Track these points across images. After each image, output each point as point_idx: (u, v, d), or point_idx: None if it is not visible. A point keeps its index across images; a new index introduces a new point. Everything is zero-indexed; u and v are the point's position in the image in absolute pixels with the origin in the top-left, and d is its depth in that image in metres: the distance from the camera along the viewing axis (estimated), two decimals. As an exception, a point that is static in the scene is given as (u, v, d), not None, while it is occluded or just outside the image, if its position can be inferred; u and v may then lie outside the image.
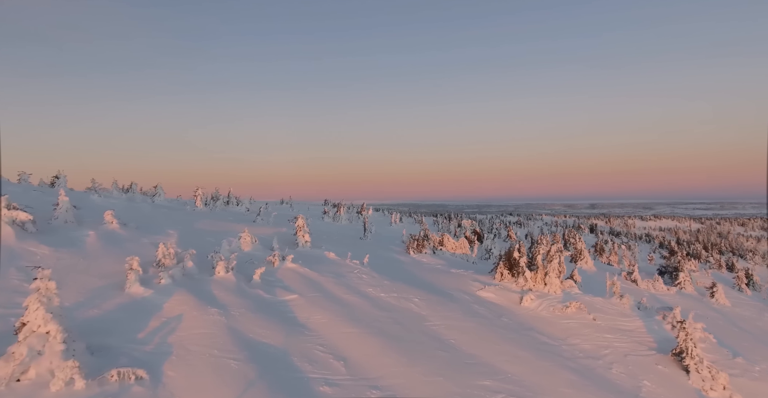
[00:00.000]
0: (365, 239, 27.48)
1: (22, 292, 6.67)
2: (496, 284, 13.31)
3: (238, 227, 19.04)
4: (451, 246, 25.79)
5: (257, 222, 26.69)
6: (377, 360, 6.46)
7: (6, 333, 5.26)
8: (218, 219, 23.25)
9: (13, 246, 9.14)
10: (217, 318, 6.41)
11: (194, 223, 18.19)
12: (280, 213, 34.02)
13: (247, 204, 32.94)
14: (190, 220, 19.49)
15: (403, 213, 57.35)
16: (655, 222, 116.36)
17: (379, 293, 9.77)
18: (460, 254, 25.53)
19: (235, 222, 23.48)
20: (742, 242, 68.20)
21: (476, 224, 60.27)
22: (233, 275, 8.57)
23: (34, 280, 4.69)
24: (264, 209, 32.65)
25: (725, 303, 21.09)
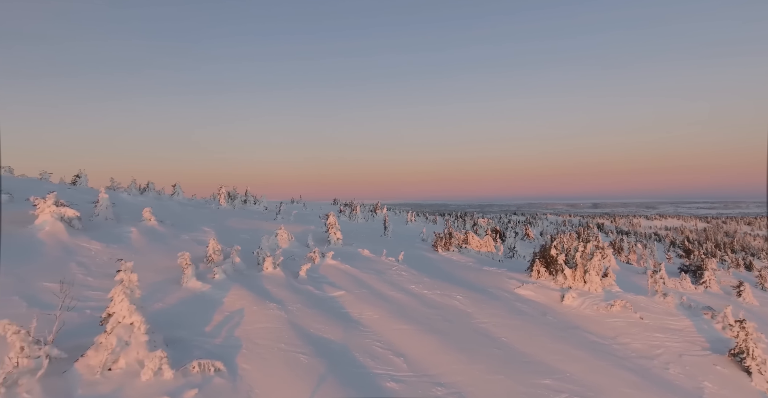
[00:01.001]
0: (386, 236, 27.45)
1: (88, 286, 6.89)
2: (533, 282, 13.04)
3: (266, 225, 19.31)
4: (475, 244, 25.51)
5: (278, 220, 26.96)
6: (436, 357, 6.38)
7: (84, 324, 5.42)
8: (244, 217, 23.60)
9: (65, 241, 9.45)
10: (277, 313, 6.45)
11: (224, 221, 18.49)
12: (298, 212, 34.33)
13: (265, 203, 33.40)
14: (219, 218, 19.84)
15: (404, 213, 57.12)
16: (660, 221, 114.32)
17: (423, 291, 9.69)
18: (485, 252, 25.22)
19: (260, 220, 23.80)
20: (750, 241, 66.29)
21: (493, 223, 59.64)
22: (281, 271, 8.63)
23: (117, 272, 4.78)
24: (283, 208, 33.01)
25: (753, 302, 20.23)
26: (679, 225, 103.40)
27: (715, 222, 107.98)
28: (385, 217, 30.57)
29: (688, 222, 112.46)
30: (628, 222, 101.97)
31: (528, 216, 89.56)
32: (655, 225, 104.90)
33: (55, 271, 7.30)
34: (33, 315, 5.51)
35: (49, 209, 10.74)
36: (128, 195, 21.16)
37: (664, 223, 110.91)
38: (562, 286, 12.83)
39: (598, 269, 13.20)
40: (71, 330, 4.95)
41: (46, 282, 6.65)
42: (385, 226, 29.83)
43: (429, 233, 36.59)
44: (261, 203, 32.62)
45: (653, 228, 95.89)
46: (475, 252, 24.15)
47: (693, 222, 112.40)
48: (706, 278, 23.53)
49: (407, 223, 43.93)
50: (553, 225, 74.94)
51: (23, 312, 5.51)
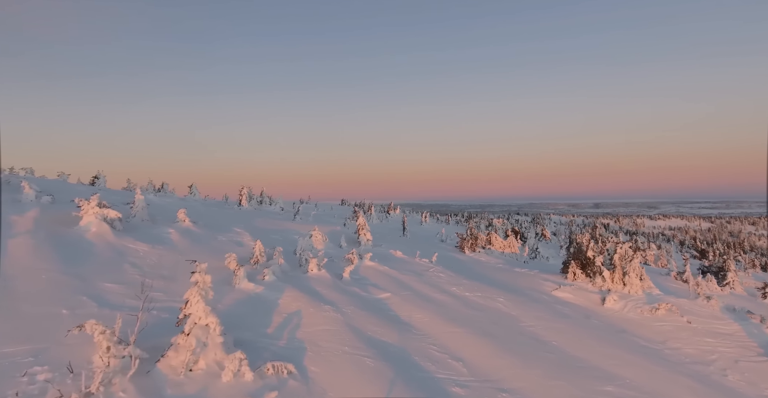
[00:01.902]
0: (405, 237, 27.38)
1: (148, 287, 7.02)
2: (570, 285, 12.77)
3: (291, 226, 19.47)
4: (499, 245, 25.22)
5: (297, 220, 27.17)
6: (492, 361, 6.28)
7: (153, 324, 5.52)
8: (268, 218, 23.87)
9: (113, 242, 9.69)
10: (333, 315, 6.46)
11: (251, 221, 18.72)
12: (317, 213, 34.46)
13: (281, 203, 33.69)
14: (245, 218, 20.10)
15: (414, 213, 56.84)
16: (664, 221, 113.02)
17: (464, 293, 9.58)
18: (509, 253, 24.90)
19: (282, 220, 24.02)
20: (755, 240, 64.11)
21: (508, 224, 58.79)
22: (326, 272, 8.66)
23: (192, 273, 4.85)
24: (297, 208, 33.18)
25: (779, 303, 19.32)
26: (683, 225, 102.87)
27: (719, 222, 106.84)
28: (404, 218, 30.51)
29: (692, 222, 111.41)
30: (631, 222, 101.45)
31: (531, 217, 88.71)
32: (659, 225, 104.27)
33: (111, 272, 7.49)
34: (104, 315, 5.67)
35: (92, 210, 11.05)
36: (154, 196, 21.63)
37: (668, 223, 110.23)
38: (601, 288, 12.52)
39: (638, 272, 12.84)
40: (143, 330, 5.03)
41: (107, 283, 6.82)
42: (404, 227, 29.76)
43: (447, 233, 36.36)
44: (277, 203, 32.96)
45: (657, 228, 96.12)
46: (499, 253, 23.85)
47: (697, 222, 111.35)
48: (730, 279, 22.72)
49: (422, 223, 43.79)
50: (562, 226, 74.02)
51: (95, 311, 5.65)
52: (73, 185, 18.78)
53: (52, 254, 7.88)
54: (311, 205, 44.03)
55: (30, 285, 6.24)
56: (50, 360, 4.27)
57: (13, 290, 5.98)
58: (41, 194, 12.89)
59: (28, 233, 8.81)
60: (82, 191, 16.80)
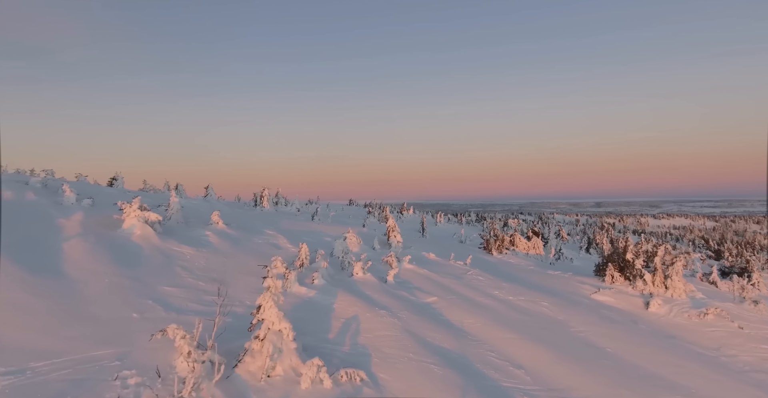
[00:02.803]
0: (425, 238, 27.23)
1: (203, 290, 7.14)
2: (609, 288, 12.47)
3: (317, 227, 19.56)
4: (523, 246, 24.83)
5: (317, 221, 27.32)
6: (553, 369, 6.15)
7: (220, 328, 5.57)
8: (292, 219, 24.07)
9: (159, 245, 9.89)
10: (390, 320, 6.44)
11: (278, 223, 18.90)
12: (336, 213, 34.56)
13: (297, 204, 33.93)
14: (271, 220, 20.31)
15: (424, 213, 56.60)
16: (668, 220, 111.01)
17: (507, 296, 9.44)
18: (533, 254, 24.51)
19: (305, 221, 24.19)
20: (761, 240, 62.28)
21: (524, 224, 57.89)
22: (372, 276, 8.65)
23: (264, 279, 4.88)
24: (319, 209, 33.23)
25: (808, 306, 18.42)
26: (687, 224, 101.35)
27: (723, 221, 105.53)
28: (423, 219, 30.40)
29: (696, 221, 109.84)
30: (635, 221, 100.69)
31: (535, 216, 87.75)
32: (663, 224, 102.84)
33: (165, 275, 7.64)
34: (172, 318, 5.77)
35: (134, 213, 11.30)
36: (180, 198, 21.99)
37: (672, 222, 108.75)
38: (643, 292, 12.18)
39: (681, 275, 12.44)
40: (217, 335, 5.08)
41: (166, 287, 6.95)
42: (423, 227, 29.62)
43: (467, 234, 36.02)
44: (293, 204, 33.20)
45: (662, 227, 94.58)
46: (524, 254, 23.50)
47: (701, 221, 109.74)
48: (755, 280, 21.85)
49: (437, 224, 43.58)
50: (569, 225, 73.42)
51: (163, 315, 5.76)
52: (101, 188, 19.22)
53: (107, 257, 8.08)
54: (323, 205, 44.32)
55: (96, 289, 6.41)
56: (135, 364, 4.35)
57: (82, 294, 6.15)
58: (81, 197, 13.24)
59: (80, 237, 9.07)
60: (112, 193, 17.19)
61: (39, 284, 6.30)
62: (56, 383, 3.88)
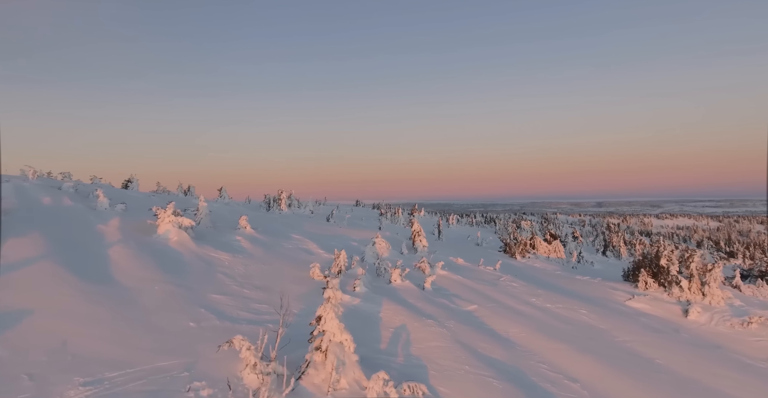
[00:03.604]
0: (441, 240, 27.10)
1: (249, 298, 7.21)
2: (644, 294, 12.19)
3: (342, 231, 19.63)
4: (543, 250, 24.50)
5: (332, 223, 27.40)
6: (609, 383, 6.02)
7: (274, 338, 5.60)
8: (313, 223, 24.21)
9: (196, 251, 10.03)
10: (439, 330, 6.39)
11: (301, 226, 19.01)
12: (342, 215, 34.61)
13: (311, 206, 34.06)
14: (293, 223, 20.46)
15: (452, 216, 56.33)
16: (671, 220, 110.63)
17: (545, 304, 9.31)
18: (554, 257, 24.17)
19: (327, 224, 24.30)
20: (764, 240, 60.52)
21: (536, 226, 57.09)
22: (410, 283, 8.62)
23: (324, 289, 4.90)
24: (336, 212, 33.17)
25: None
26: (691, 224, 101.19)
27: (727, 221, 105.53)
28: (439, 221, 30.22)
29: (699, 221, 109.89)
30: (639, 221, 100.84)
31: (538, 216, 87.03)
32: (667, 224, 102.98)
33: (209, 282, 7.74)
34: (226, 327, 5.83)
35: (168, 218, 11.48)
36: (194, 200, 22.27)
37: (675, 222, 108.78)
38: (679, 299, 11.87)
39: (719, 281, 12.09)
40: (279, 346, 5.10)
41: (213, 294, 7.04)
42: (439, 230, 29.48)
43: (484, 237, 35.74)
44: (307, 206, 33.33)
45: (665, 227, 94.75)
46: (544, 258, 23.19)
47: (705, 221, 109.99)
48: None
49: (449, 226, 43.34)
50: (574, 226, 72.83)
51: (217, 324, 5.83)
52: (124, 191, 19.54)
53: (151, 264, 8.23)
54: (331, 206, 44.46)
55: (149, 296, 6.53)
56: (204, 375, 4.41)
57: (138, 302, 6.27)
58: (114, 202, 13.51)
59: (121, 243, 9.26)
60: (137, 197, 17.52)
61: (95, 291, 6.44)
62: (134, 394, 3.95)
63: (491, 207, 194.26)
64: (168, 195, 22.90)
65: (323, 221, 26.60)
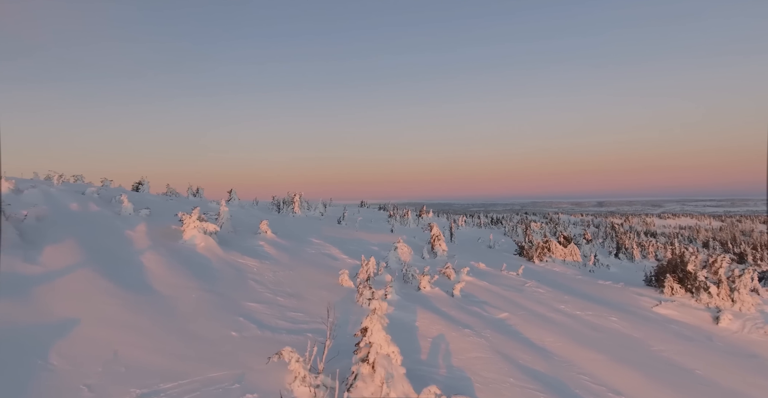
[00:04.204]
0: (453, 243, 26.96)
1: (284, 306, 7.24)
2: (670, 300, 11.98)
3: (359, 234, 19.63)
4: (559, 253, 24.25)
5: (343, 226, 27.39)
6: (653, 396, 5.92)
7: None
8: (328, 225, 24.27)
9: (224, 257, 10.10)
10: (477, 340, 6.35)
11: (318, 230, 19.07)
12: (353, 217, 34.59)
13: (321, 208, 34.08)
14: (310, 227, 20.52)
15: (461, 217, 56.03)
16: (674, 220, 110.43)
17: (575, 311, 9.20)
18: (570, 261, 23.92)
19: (339, 227, 24.33)
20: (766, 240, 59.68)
21: (547, 228, 56.47)
22: (440, 290, 8.59)
23: (369, 301, 4.89)
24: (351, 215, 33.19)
25: None
26: (693, 224, 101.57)
27: (729, 221, 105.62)
28: (452, 224, 30.10)
29: (701, 221, 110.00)
30: (641, 221, 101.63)
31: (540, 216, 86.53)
32: (669, 224, 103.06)
33: (242, 289, 7.79)
34: (267, 337, 5.86)
35: (193, 224, 11.59)
36: (216, 205, 22.44)
37: (678, 222, 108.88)
38: (708, 305, 11.64)
39: (749, 288, 11.83)
40: (329, 358, 5.10)
41: (249, 302, 7.08)
42: (451, 233, 29.36)
43: (495, 239, 35.51)
44: (316, 208, 33.36)
45: (667, 227, 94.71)
46: (561, 261, 22.96)
47: (707, 221, 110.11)
48: None
49: (458, 227, 43.12)
50: (580, 226, 72.34)
51: (258, 334, 5.86)
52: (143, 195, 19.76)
53: (183, 271, 8.32)
54: (338, 207, 44.38)
55: (187, 305, 6.60)
56: (255, 387, 4.43)
57: (177, 310, 6.34)
58: (138, 208, 13.67)
59: (152, 249, 9.38)
60: (155, 201, 17.68)
61: (133, 299, 6.53)
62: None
63: (492, 207, 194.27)
64: (178, 197, 22.96)
65: (335, 224, 26.66)
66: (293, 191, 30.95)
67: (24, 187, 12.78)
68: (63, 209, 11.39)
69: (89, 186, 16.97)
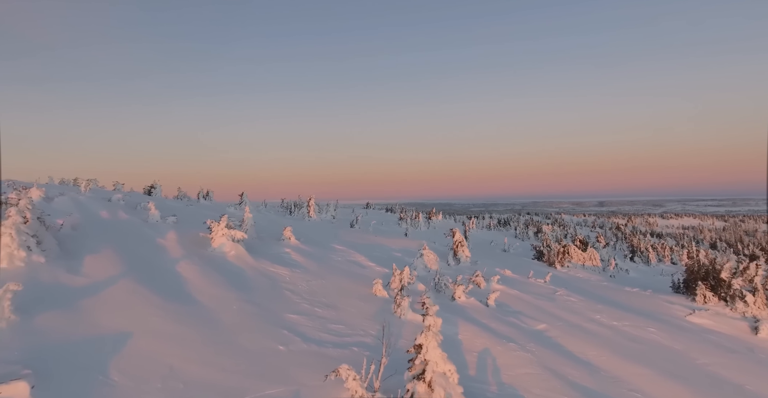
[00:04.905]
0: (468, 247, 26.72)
1: (324, 318, 7.22)
2: (704, 309, 11.70)
3: (378, 240, 19.59)
4: (578, 258, 23.93)
5: (357, 229, 27.32)
6: (706, 411, 5.76)
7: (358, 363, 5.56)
8: (344, 229, 24.28)
9: (255, 266, 10.14)
10: (523, 355, 6.26)
11: (337, 235, 19.08)
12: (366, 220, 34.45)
13: (333, 211, 34.07)
14: (328, 232, 20.56)
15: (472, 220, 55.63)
16: (676, 220, 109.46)
17: (611, 322, 9.03)
18: (590, 266, 23.58)
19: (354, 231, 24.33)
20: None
21: (558, 231, 55.67)
22: (475, 300, 8.50)
23: (424, 316, 4.85)
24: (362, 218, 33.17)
25: None
26: (696, 224, 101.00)
27: (732, 221, 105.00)
28: (466, 228, 29.93)
29: (704, 221, 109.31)
30: (644, 221, 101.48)
31: (543, 216, 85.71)
32: (672, 224, 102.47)
33: (280, 300, 7.80)
34: (313, 351, 5.84)
35: (222, 231, 11.67)
36: (235, 209, 22.58)
37: (681, 222, 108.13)
38: (744, 315, 11.34)
39: (787, 296, 11.48)
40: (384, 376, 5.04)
41: (289, 314, 7.09)
42: (466, 236, 29.18)
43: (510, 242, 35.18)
44: (328, 211, 33.36)
45: (670, 227, 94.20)
46: (580, 266, 22.65)
47: (710, 221, 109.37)
48: None
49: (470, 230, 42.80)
50: (585, 227, 71.62)
51: (304, 348, 5.85)
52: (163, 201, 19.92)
53: (219, 280, 8.38)
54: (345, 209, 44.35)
55: (228, 316, 6.63)
56: (314, 406, 4.42)
57: (220, 322, 6.37)
58: (165, 215, 13.81)
59: (186, 258, 9.46)
60: (176, 207, 17.85)
61: (177, 311, 6.58)
62: (255, 426, 3.98)
63: (493, 207, 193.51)
64: (190, 201, 22.98)
65: (347, 227, 26.67)
66: (305, 194, 30.91)
67: (52, 194, 13.02)
68: (94, 217, 11.57)
69: (114, 192, 17.24)
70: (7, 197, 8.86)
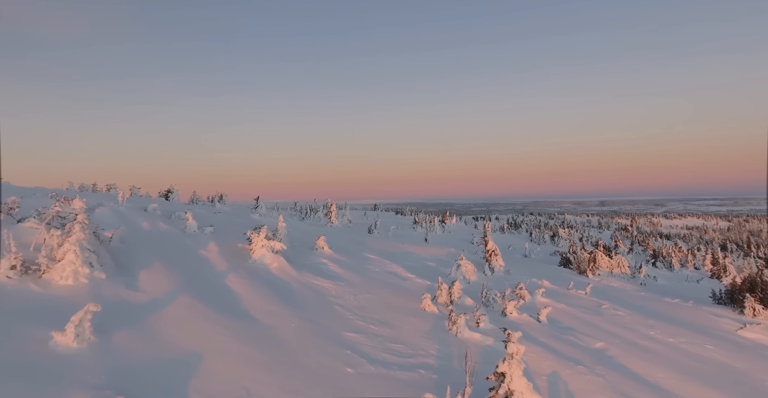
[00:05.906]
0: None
1: (380, 336, 7.16)
2: (755, 323, 11.29)
3: (410, 248, 19.38)
4: (605, 264, 23.43)
5: (376, 235, 27.21)
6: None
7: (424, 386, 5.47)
8: (365, 235, 24.24)
9: (299, 279, 10.11)
10: (594, 379, 6.10)
11: (366, 243, 19.03)
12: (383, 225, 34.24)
13: (348, 215, 34.03)
14: (354, 239, 20.53)
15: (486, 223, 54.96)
16: (680, 220, 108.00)
17: (667, 338, 8.77)
18: (618, 273, 23.07)
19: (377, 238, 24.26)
20: None
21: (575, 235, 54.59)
22: (528, 316, 8.35)
23: (506, 343, 4.75)
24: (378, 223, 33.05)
25: None
26: (700, 224, 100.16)
27: (736, 221, 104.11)
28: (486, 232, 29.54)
29: (708, 221, 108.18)
30: (647, 221, 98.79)
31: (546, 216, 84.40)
32: (676, 224, 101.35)
33: (333, 317, 7.76)
34: (381, 374, 5.78)
35: (261, 242, 11.71)
36: (258, 216, 22.72)
37: (684, 221, 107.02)
38: (800, 329, 10.90)
39: None
40: None
41: (347, 332, 7.05)
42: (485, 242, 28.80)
43: (531, 248, 34.70)
44: (344, 215, 33.35)
45: (674, 227, 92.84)
46: (607, 273, 22.17)
47: (714, 221, 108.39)
48: None
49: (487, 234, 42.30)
50: (590, 227, 70.54)
51: (371, 370, 5.79)
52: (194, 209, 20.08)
53: (269, 295, 8.39)
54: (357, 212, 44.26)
55: (287, 334, 6.61)
56: (401, 436, 4.35)
57: (281, 340, 6.36)
58: (203, 225, 13.91)
59: (233, 271, 9.52)
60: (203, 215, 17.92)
61: (237, 328, 6.60)
62: (349, 458, 3.93)
63: (493, 207, 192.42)
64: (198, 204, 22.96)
65: (366, 233, 26.64)
66: (309, 196, 31.05)
67: (91, 205, 13.26)
68: (136, 228, 11.74)
69: (148, 201, 17.52)
70: (56, 211, 9.05)
